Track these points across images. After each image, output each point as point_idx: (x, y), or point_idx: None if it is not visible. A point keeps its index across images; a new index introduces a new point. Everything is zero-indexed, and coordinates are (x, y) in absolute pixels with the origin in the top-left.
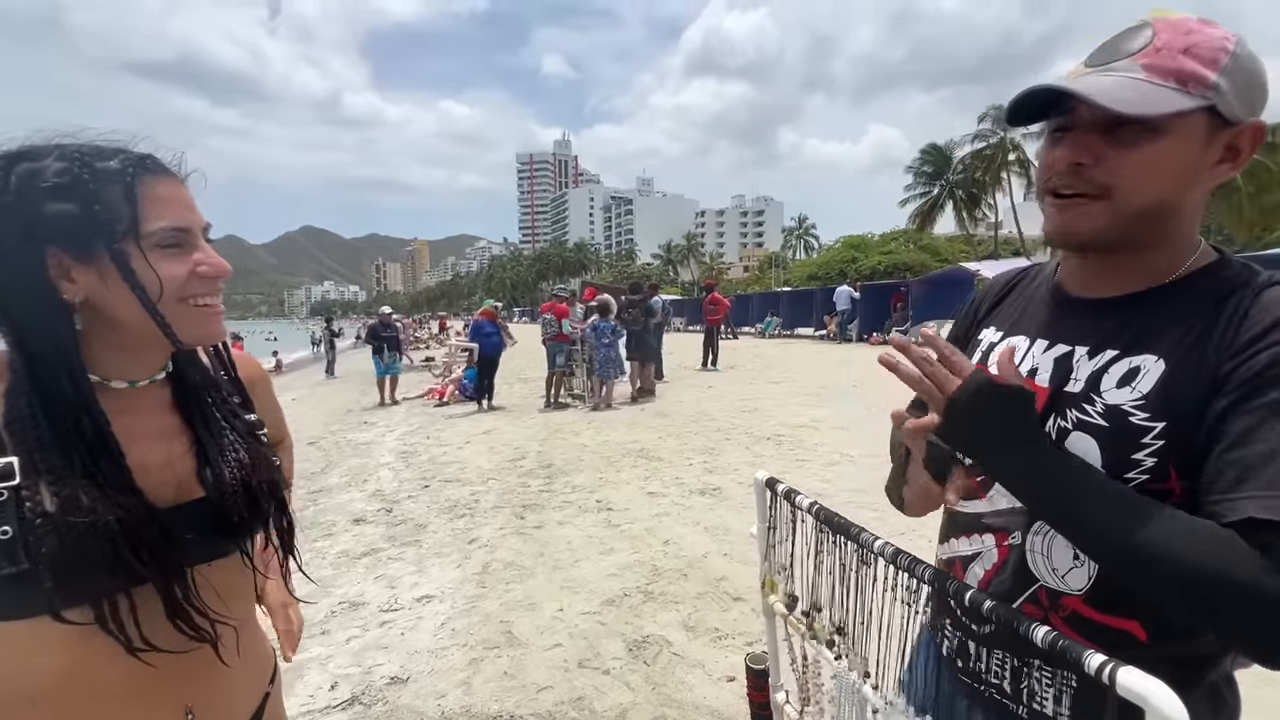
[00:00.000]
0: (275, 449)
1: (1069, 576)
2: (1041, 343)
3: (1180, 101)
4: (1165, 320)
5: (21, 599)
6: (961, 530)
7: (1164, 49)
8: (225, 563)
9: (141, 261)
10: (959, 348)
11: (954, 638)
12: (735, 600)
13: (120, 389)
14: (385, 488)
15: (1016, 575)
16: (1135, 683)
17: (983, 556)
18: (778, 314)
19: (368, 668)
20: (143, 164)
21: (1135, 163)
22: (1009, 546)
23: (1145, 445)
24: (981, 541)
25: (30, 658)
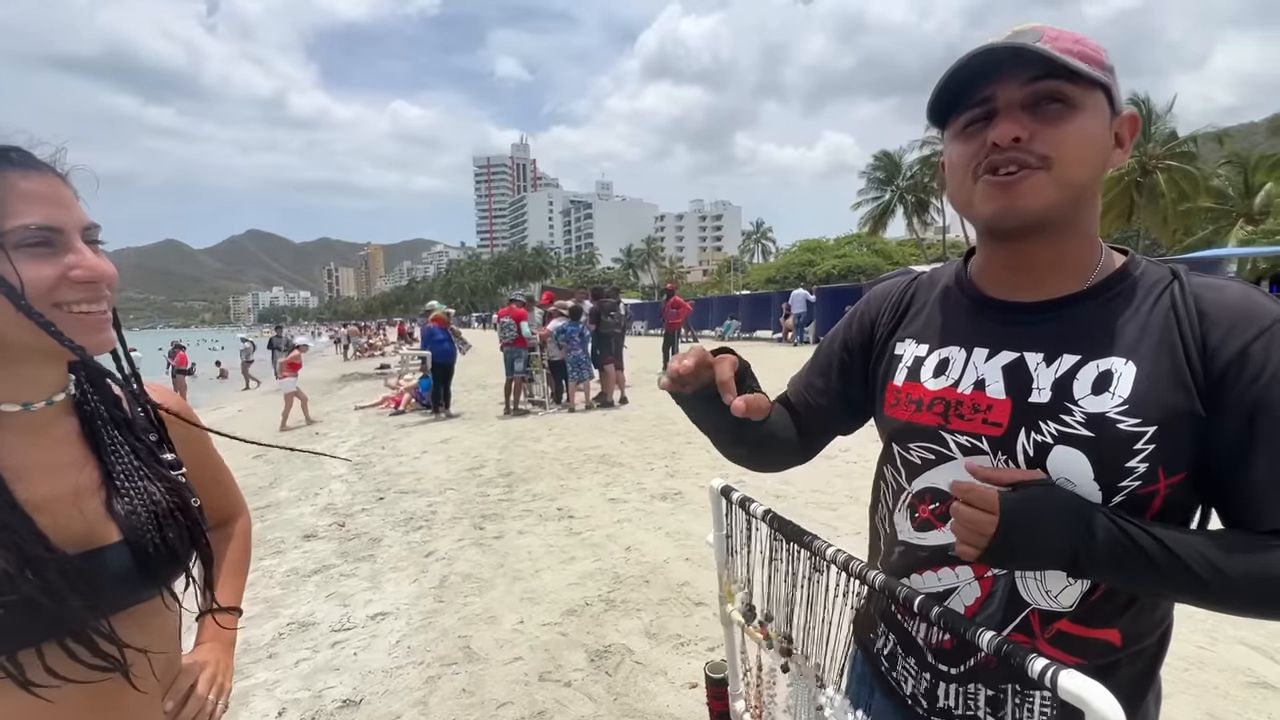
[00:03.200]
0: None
1: (1061, 596)
2: (980, 351)
3: (1093, 72)
4: (1114, 322)
5: None
6: (923, 564)
7: (1059, 38)
8: (144, 610)
9: (3, 262)
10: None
11: (919, 679)
12: (697, 605)
13: (13, 412)
14: (337, 501)
15: (1007, 605)
16: (1075, 685)
17: (960, 591)
18: (737, 317)
19: (318, 691)
20: (6, 157)
21: (1068, 134)
22: (993, 576)
23: (1137, 451)
24: (955, 575)
25: None
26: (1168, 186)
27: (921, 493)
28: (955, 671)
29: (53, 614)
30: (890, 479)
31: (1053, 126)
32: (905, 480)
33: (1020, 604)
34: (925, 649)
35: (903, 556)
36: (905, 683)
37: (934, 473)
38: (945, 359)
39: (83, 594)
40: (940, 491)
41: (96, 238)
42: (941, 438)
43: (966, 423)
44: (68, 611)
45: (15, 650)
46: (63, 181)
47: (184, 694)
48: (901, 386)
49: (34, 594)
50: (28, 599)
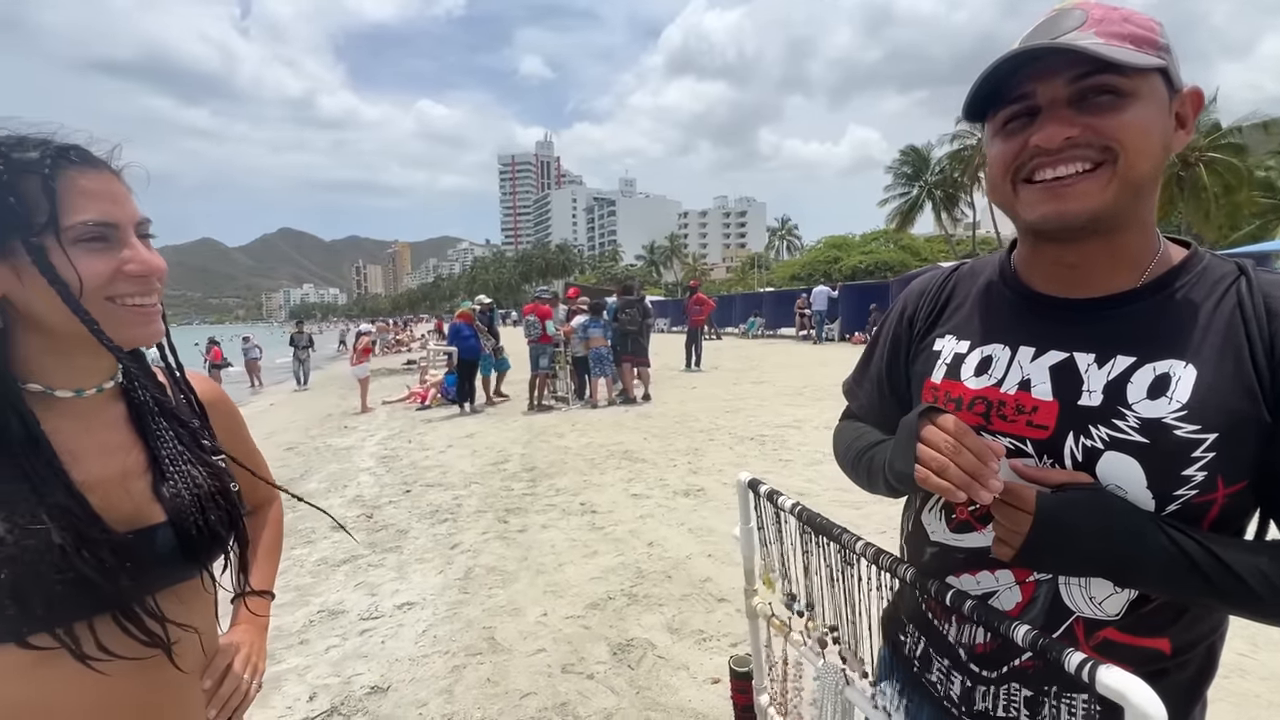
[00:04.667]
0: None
1: (1106, 603)
2: (1026, 350)
3: (1146, 58)
4: (1173, 321)
5: None
6: (961, 566)
7: (1105, 20)
8: (186, 589)
9: (61, 256)
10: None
11: (951, 679)
12: (719, 601)
13: (66, 398)
14: (366, 493)
15: (1050, 612)
16: (1114, 680)
17: (999, 595)
18: (761, 314)
19: (347, 678)
20: (65, 155)
21: (1128, 125)
22: (1036, 581)
23: (1196, 459)
24: (994, 579)
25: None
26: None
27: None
28: (992, 675)
29: (105, 590)
30: None
31: (1108, 117)
32: None
33: (1064, 611)
34: (959, 650)
35: (936, 558)
36: (940, 684)
37: None
38: (988, 357)
39: (131, 572)
40: None
41: (148, 232)
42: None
43: (1009, 424)
44: (118, 589)
45: (70, 622)
46: (118, 178)
47: (221, 672)
48: (940, 384)
49: (89, 572)
50: (82, 576)
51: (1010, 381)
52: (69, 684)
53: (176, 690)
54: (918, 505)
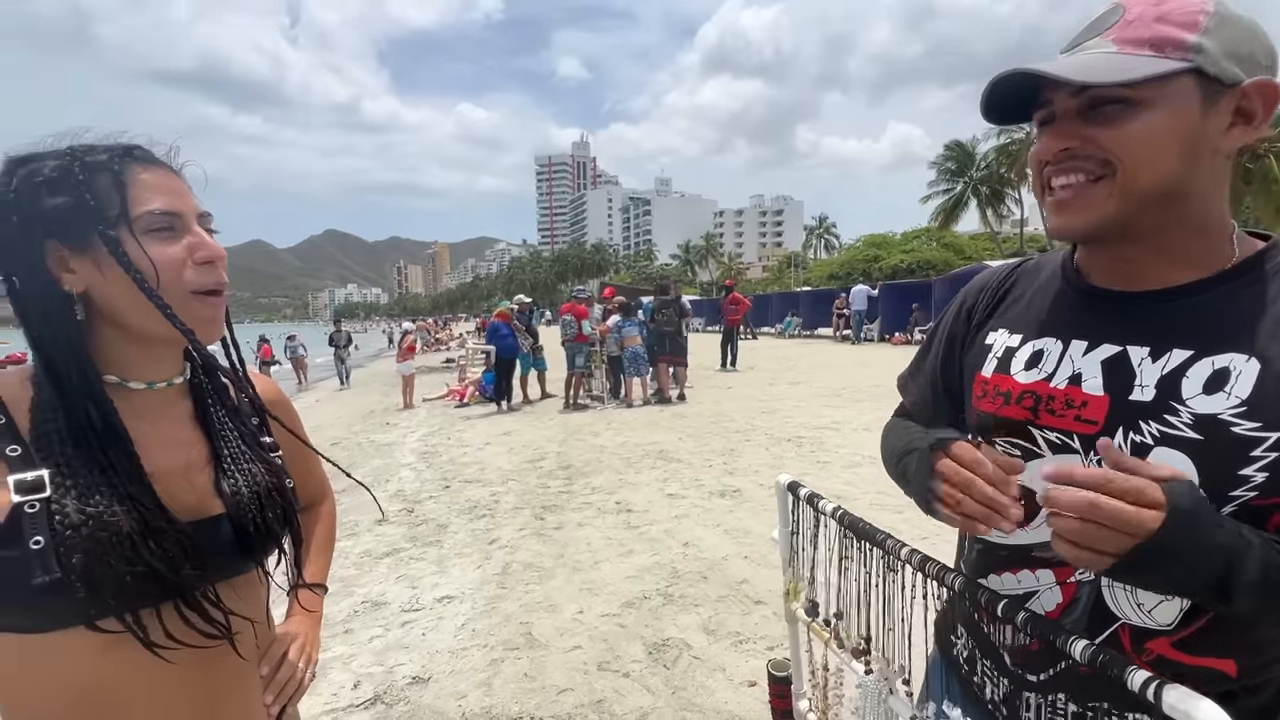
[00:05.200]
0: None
1: (1156, 612)
2: (1078, 344)
3: (1155, 66)
4: (1237, 314)
5: (55, 610)
6: (1004, 564)
7: (1135, 20)
8: (243, 581)
9: (134, 245)
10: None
11: (998, 684)
12: (756, 604)
13: (139, 390)
14: (407, 488)
15: (1092, 615)
16: (1182, 700)
17: (1040, 596)
18: (798, 314)
19: (390, 667)
20: (130, 154)
21: (1129, 136)
22: (1077, 583)
23: (1256, 459)
24: (1035, 578)
25: (60, 670)
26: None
27: None
28: (1036, 679)
29: (168, 577)
30: None
31: (1110, 129)
32: None
33: (1107, 616)
34: (1003, 652)
35: (981, 556)
36: (985, 688)
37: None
38: (1039, 351)
39: (193, 561)
40: (1024, 489)
41: (210, 225)
42: (1030, 434)
43: (1058, 419)
44: (180, 576)
45: (137, 609)
46: (178, 175)
47: (277, 660)
48: (990, 378)
49: (154, 562)
50: (147, 562)
51: (1060, 376)
52: (134, 668)
53: (234, 676)
54: None
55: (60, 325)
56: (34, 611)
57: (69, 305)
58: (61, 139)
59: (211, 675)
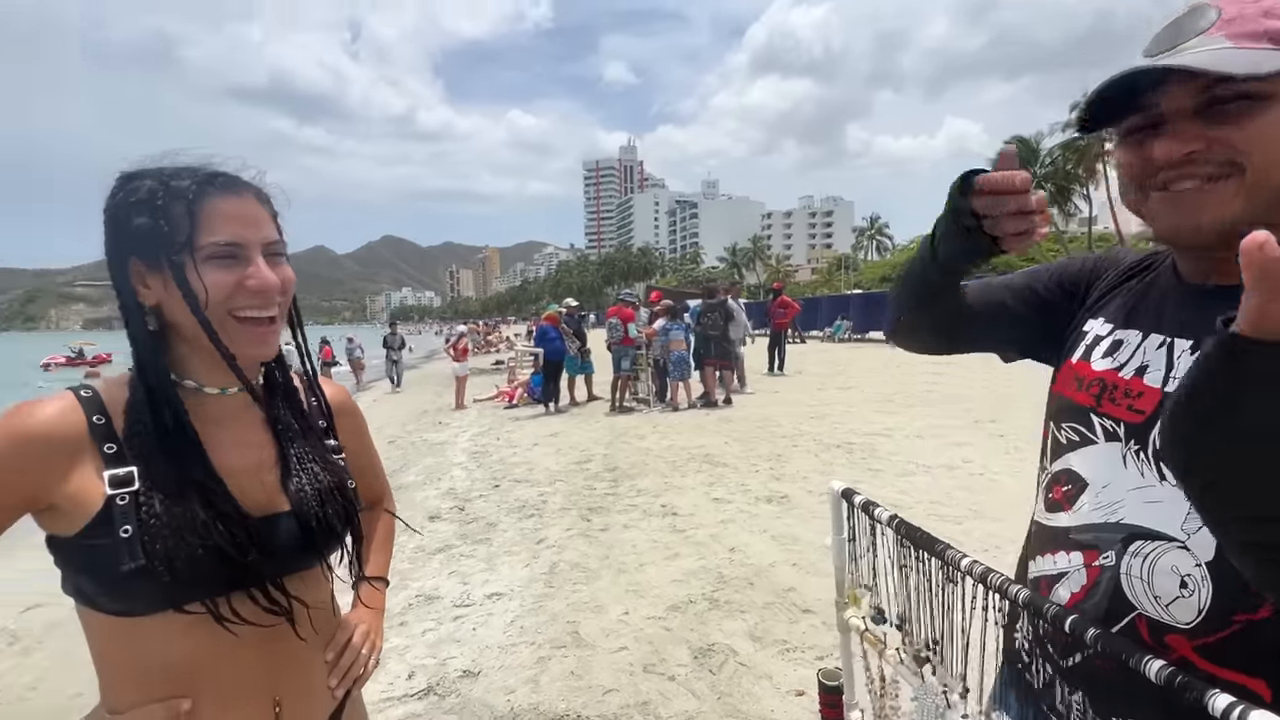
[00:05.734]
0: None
1: (1174, 607)
2: (1156, 337)
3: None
4: None
5: (144, 594)
6: (1046, 546)
7: (1238, 18)
8: (307, 575)
9: (193, 271)
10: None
11: (1044, 672)
12: (804, 612)
13: (214, 395)
14: (458, 486)
15: (1111, 601)
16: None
17: (1069, 577)
18: (848, 317)
19: (442, 660)
20: (210, 182)
21: (1261, 133)
22: (1100, 567)
23: None
24: (1068, 559)
25: (148, 649)
26: None
27: (1059, 474)
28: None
29: (238, 565)
30: (1042, 457)
31: (1236, 128)
32: (1049, 459)
33: (1125, 604)
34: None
35: (1035, 536)
36: (1036, 677)
37: (1074, 455)
38: (1119, 341)
39: (260, 552)
40: (1074, 474)
41: (278, 251)
42: (1090, 420)
43: (1115, 407)
44: (249, 564)
45: (214, 595)
46: (259, 201)
47: (341, 646)
48: (1075, 364)
49: (223, 544)
50: (218, 548)
51: (1130, 366)
52: (210, 649)
53: (297, 659)
54: (1038, 483)
55: (140, 332)
56: (124, 596)
57: (144, 315)
58: (165, 157)
59: (276, 657)
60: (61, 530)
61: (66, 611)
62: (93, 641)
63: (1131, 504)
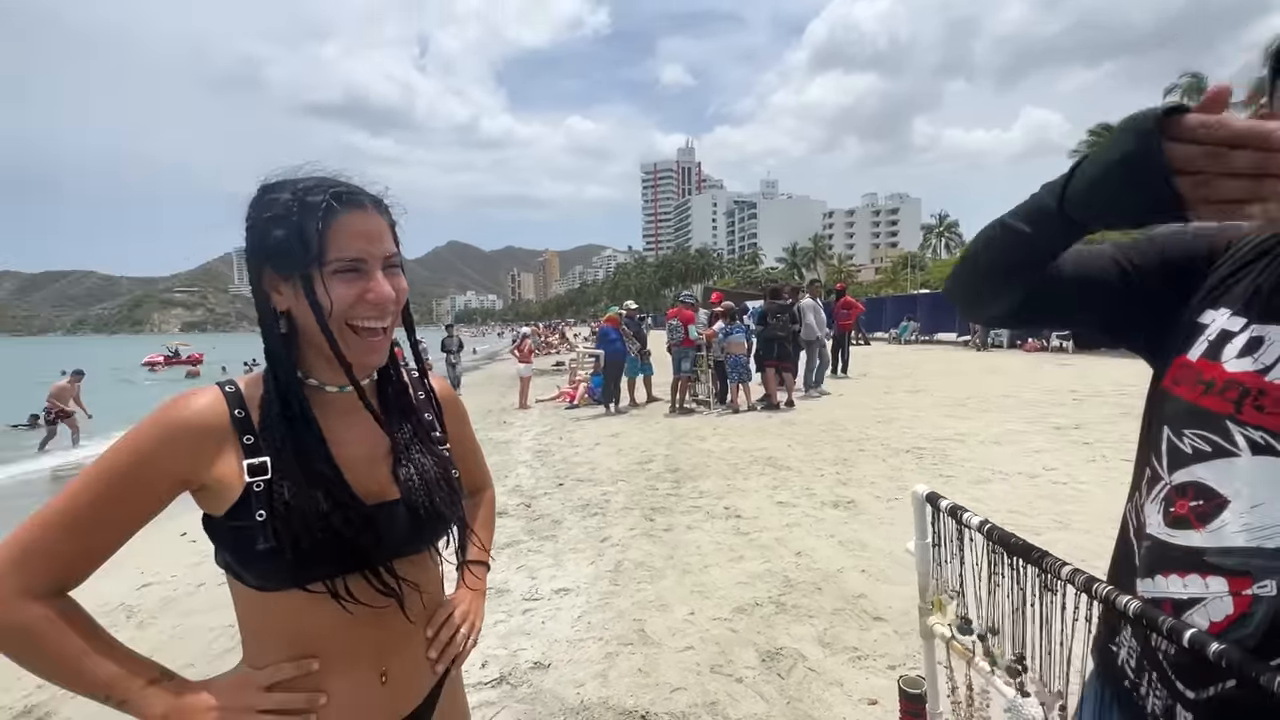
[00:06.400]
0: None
1: None
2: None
3: None
4: None
5: (275, 572)
6: (1168, 565)
7: None
8: (416, 558)
9: (320, 285)
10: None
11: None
12: (875, 620)
13: (334, 393)
14: (524, 484)
15: (1269, 633)
16: None
17: (1207, 604)
18: (915, 318)
19: (513, 651)
20: (339, 199)
21: None
22: (1253, 596)
23: None
24: (1204, 584)
25: (280, 621)
26: None
27: (1183, 486)
28: (1194, 695)
29: (352, 549)
30: (1151, 463)
31: None
32: (1165, 469)
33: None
34: (1162, 660)
35: (1150, 553)
36: (1148, 700)
37: (1203, 467)
38: (1259, 338)
39: (374, 537)
40: (1206, 488)
41: (395, 263)
42: (1227, 429)
43: (1265, 416)
44: (363, 548)
45: (333, 576)
46: (381, 214)
47: (441, 622)
48: (1195, 363)
49: (341, 530)
50: (336, 533)
51: (1259, 360)
52: (330, 624)
53: (405, 636)
54: (1145, 493)
55: (272, 334)
56: (259, 573)
57: (276, 319)
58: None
59: (385, 632)
60: (213, 510)
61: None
62: (238, 608)
63: None
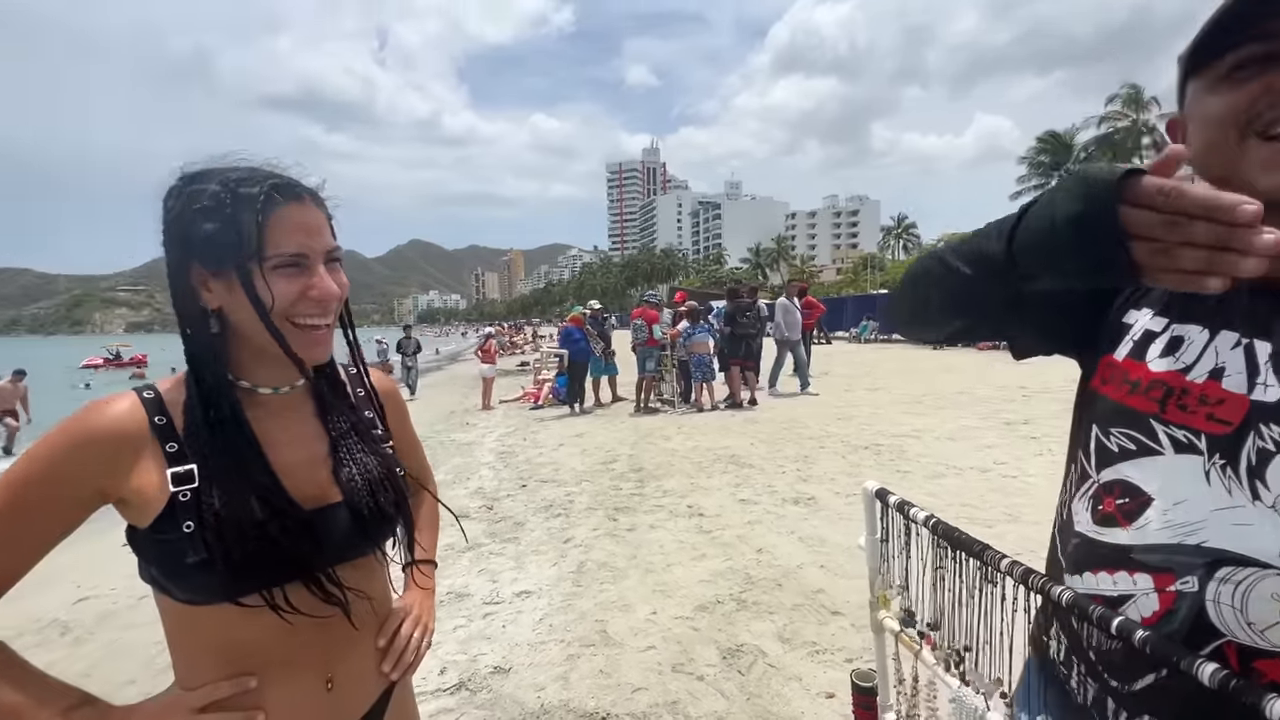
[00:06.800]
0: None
1: (1271, 632)
2: (1228, 335)
3: None
4: None
5: (205, 586)
6: (1097, 563)
7: None
8: (361, 562)
9: (260, 280)
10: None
11: (1090, 688)
12: (833, 614)
13: (267, 394)
14: (486, 486)
15: (1193, 628)
16: None
17: (1136, 600)
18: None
19: (473, 656)
20: (276, 190)
21: None
22: (1177, 593)
23: None
24: (1132, 581)
25: (211, 635)
26: None
27: (1110, 484)
28: (1124, 689)
29: (291, 557)
30: (1080, 461)
31: None
32: (1094, 467)
33: (1209, 631)
34: (1090, 654)
35: (1078, 550)
36: (1079, 692)
37: (1129, 465)
38: (1179, 337)
39: (314, 544)
40: (1131, 486)
41: (336, 257)
42: (1151, 428)
43: (1187, 415)
44: (304, 556)
45: (270, 587)
46: (319, 208)
47: (393, 632)
48: (1121, 362)
49: (279, 538)
50: (274, 542)
51: (1200, 368)
52: (268, 635)
53: (352, 643)
54: (1070, 494)
55: (200, 334)
56: (188, 587)
57: (206, 318)
58: (226, 158)
59: (331, 640)
60: (136, 522)
61: (117, 603)
62: (167, 625)
63: (1216, 526)
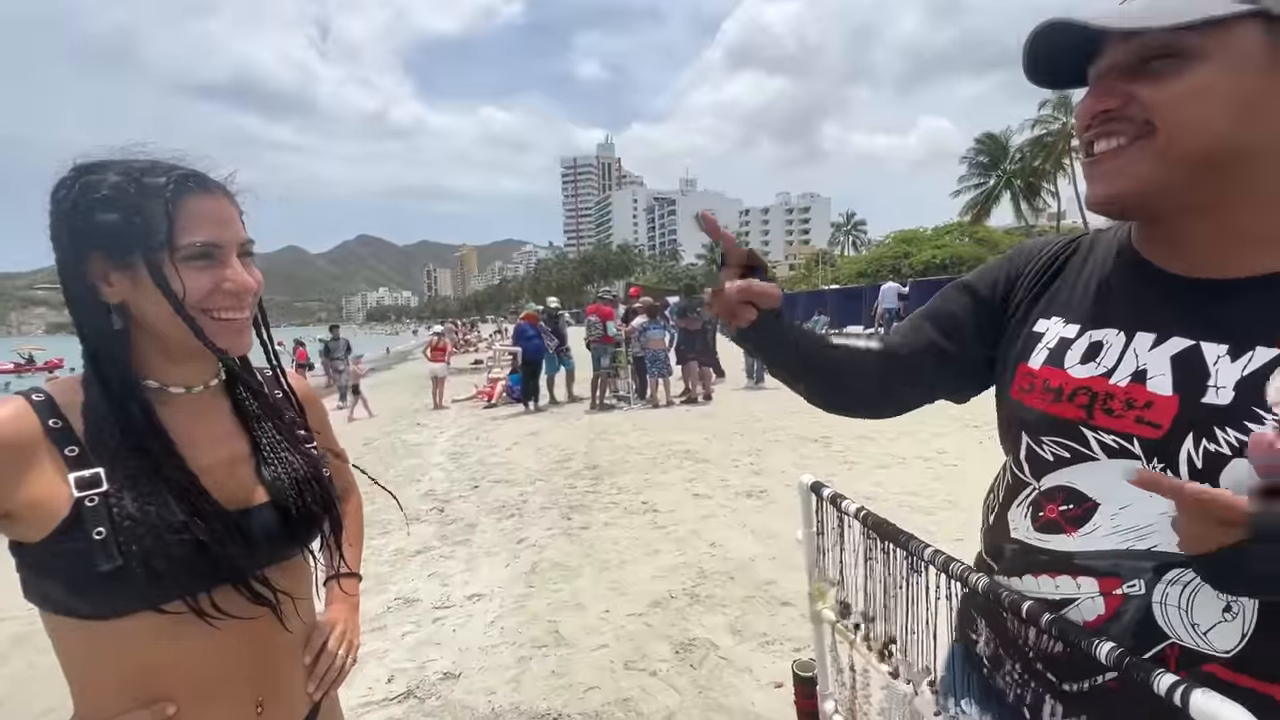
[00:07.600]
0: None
1: (1213, 634)
2: (1145, 336)
3: (1208, 7)
4: None
5: (122, 596)
6: (1038, 568)
7: None
8: (289, 564)
9: (171, 271)
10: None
11: (1025, 688)
12: (783, 605)
13: (179, 394)
14: (437, 488)
15: (1138, 631)
16: (1211, 707)
17: (1080, 605)
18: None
19: (421, 663)
20: (186, 181)
21: (1174, 92)
22: (1124, 596)
23: None
24: (1075, 585)
25: (125, 652)
26: None
27: (1052, 491)
28: (1072, 689)
29: (218, 558)
30: (1010, 470)
31: (1154, 86)
32: (1031, 475)
33: (1155, 634)
34: (1030, 654)
35: (1017, 556)
36: (1011, 689)
37: (1069, 471)
38: (1098, 343)
39: (240, 544)
40: (1075, 492)
41: (250, 251)
42: (1082, 434)
43: (1116, 420)
44: (230, 557)
45: (195, 592)
46: (230, 201)
47: (318, 650)
48: (1039, 371)
49: (203, 538)
50: (198, 543)
51: (1122, 372)
52: (190, 650)
53: (280, 658)
54: (1002, 500)
55: (100, 332)
56: (102, 599)
57: (107, 314)
58: (126, 150)
59: (258, 655)
60: (29, 536)
61: (37, 624)
62: (64, 650)
63: (1165, 529)
